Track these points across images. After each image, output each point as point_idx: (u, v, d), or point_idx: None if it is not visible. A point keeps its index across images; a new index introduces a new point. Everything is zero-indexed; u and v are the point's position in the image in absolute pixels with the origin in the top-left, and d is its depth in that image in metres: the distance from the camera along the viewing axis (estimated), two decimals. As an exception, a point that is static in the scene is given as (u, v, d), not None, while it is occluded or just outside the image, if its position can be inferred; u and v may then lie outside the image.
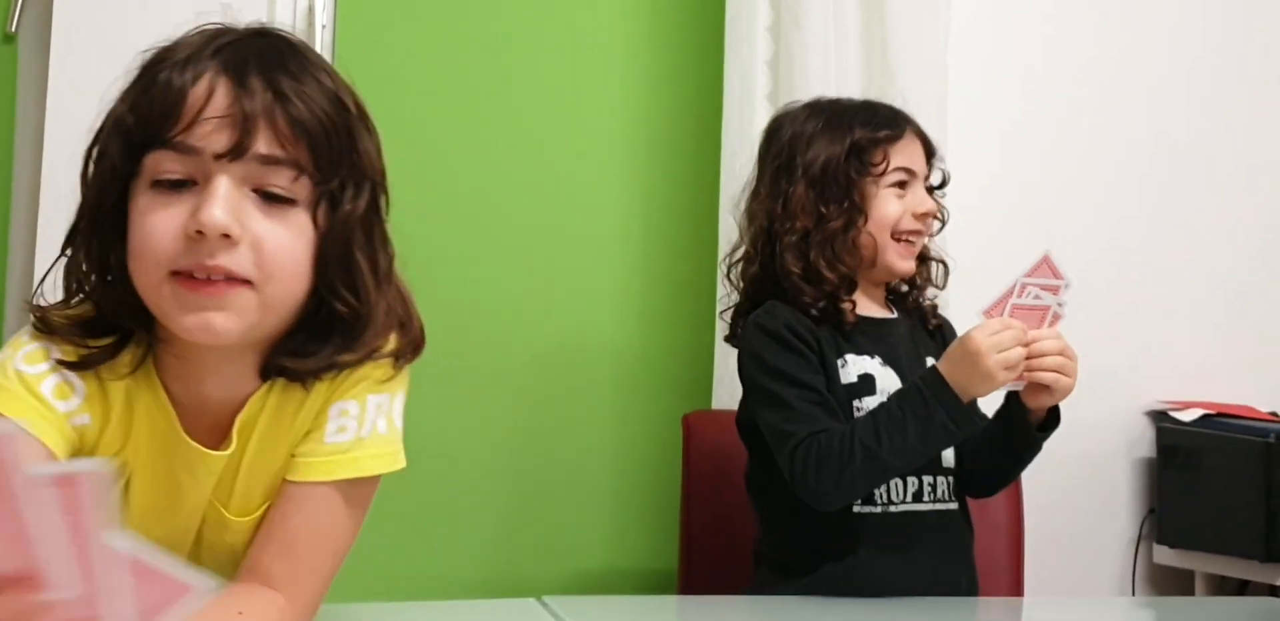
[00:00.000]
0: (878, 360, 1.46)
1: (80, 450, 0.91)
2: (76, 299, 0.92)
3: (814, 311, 1.43)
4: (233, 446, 0.96)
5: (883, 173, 1.46)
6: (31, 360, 0.90)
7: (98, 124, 0.90)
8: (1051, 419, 1.40)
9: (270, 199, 0.88)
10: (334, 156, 0.90)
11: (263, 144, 0.87)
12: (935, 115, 1.99)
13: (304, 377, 0.94)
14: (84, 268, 0.91)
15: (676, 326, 2.07)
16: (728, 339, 1.59)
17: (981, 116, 2.14)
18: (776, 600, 1.46)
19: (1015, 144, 2.19)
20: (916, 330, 1.55)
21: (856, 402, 1.44)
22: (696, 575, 1.73)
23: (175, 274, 0.86)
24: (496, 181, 2.06)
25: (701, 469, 1.77)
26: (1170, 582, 2.17)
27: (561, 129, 2.08)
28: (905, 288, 1.55)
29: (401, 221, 2.06)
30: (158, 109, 0.86)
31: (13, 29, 1.88)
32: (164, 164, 0.86)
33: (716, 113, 1.99)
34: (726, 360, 1.94)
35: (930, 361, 1.50)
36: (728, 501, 1.70)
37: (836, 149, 1.46)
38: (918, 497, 1.44)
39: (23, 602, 0.59)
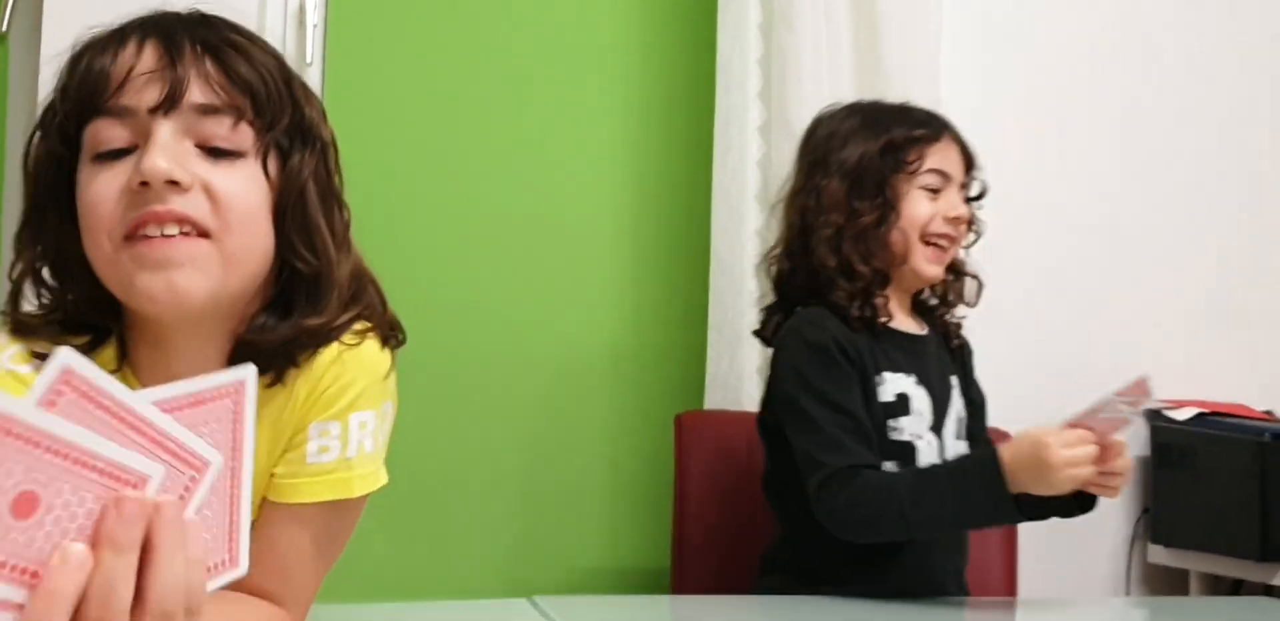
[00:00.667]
0: (913, 378, 1.45)
1: None
2: (44, 300, 0.90)
3: (852, 311, 1.42)
4: None
5: (915, 172, 1.45)
6: (16, 360, 0.88)
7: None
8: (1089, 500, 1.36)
9: (216, 154, 0.85)
10: (274, 105, 0.87)
11: (197, 93, 0.84)
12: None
13: (274, 360, 0.89)
14: (39, 265, 0.88)
15: (669, 326, 2.07)
16: (757, 333, 1.56)
17: (974, 116, 2.12)
18: (770, 599, 1.45)
19: (1008, 144, 2.19)
20: (942, 348, 1.53)
21: (891, 422, 1.42)
22: (689, 574, 1.72)
23: (128, 239, 0.82)
24: (487, 182, 2.05)
25: (694, 468, 1.76)
26: (1165, 582, 2.17)
27: (553, 128, 2.08)
28: (935, 301, 1.53)
29: (391, 222, 2.07)
30: (89, 81, 0.84)
31: (3, 29, 1.88)
32: (102, 133, 0.84)
33: (709, 112, 1.98)
34: (719, 360, 1.94)
35: (954, 381, 1.50)
36: (720, 501, 1.69)
37: (871, 146, 1.45)
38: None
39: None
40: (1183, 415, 2.10)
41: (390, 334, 0.98)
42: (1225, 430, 2.02)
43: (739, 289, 1.93)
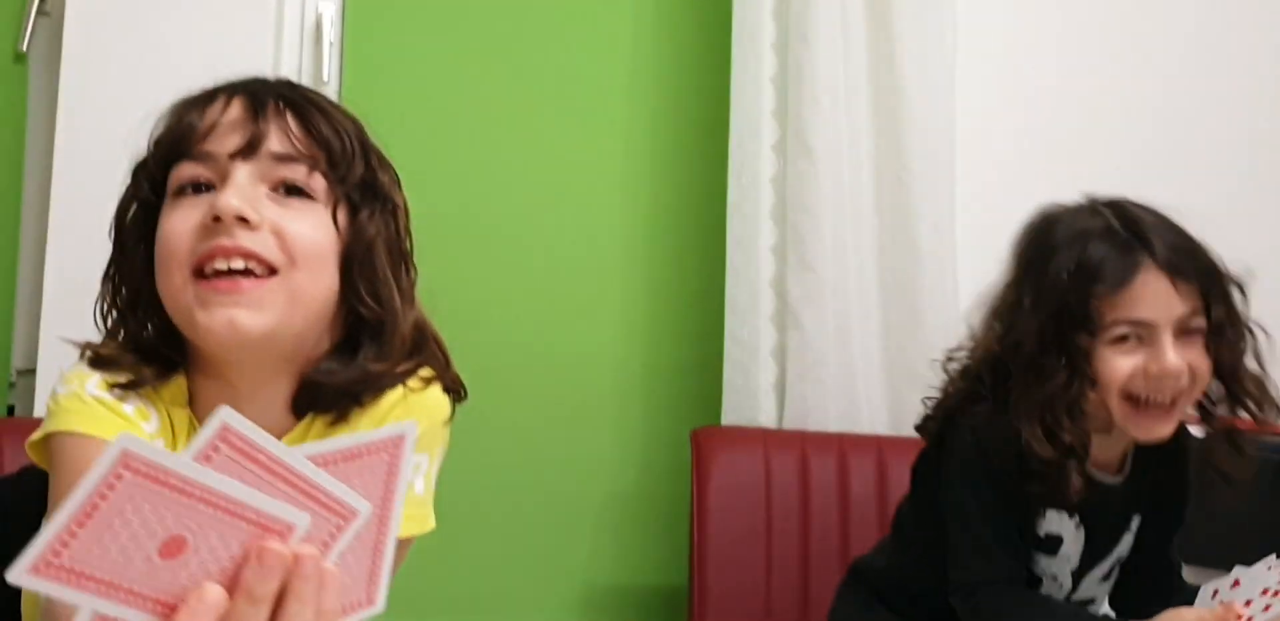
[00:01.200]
0: (1075, 520, 1.31)
1: None
2: (119, 335, 0.93)
3: (1035, 463, 1.23)
4: None
5: (1098, 329, 1.21)
6: (101, 388, 0.90)
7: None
8: None
9: (289, 192, 0.90)
10: (348, 160, 0.92)
11: (275, 142, 0.90)
12: (943, 131, 1.99)
13: (339, 400, 0.91)
14: (118, 300, 0.92)
15: (685, 341, 2.07)
16: (918, 428, 1.39)
17: (989, 132, 2.14)
18: None
19: (1022, 159, 2.19)
20: (1136, 485, 1.35)
21: (1036, 557, 1.32)
22: (709, 590, 1.72)
23: (196, 274, 0.86)
24: (502, 197, 2.06)
25: (711, 484, 1.76)
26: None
27: (568, 144, 2.09)
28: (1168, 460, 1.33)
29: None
30: (178, 131, 0.90)
31: (24, 48, 1.89)
32: (185, 173, 0.89)
33: (723, 129, 1.99)
34: (735, 375, 1.94)
35: (1135, 522, 1.36)
36: (738, 516, 1.69)
37: (1058, 294, 1.23)
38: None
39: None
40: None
41: (452, 387, 1.00)
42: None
43: (754, 304, 1.93)
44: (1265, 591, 1.18)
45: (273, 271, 0.87)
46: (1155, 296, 1.21)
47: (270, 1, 1.96)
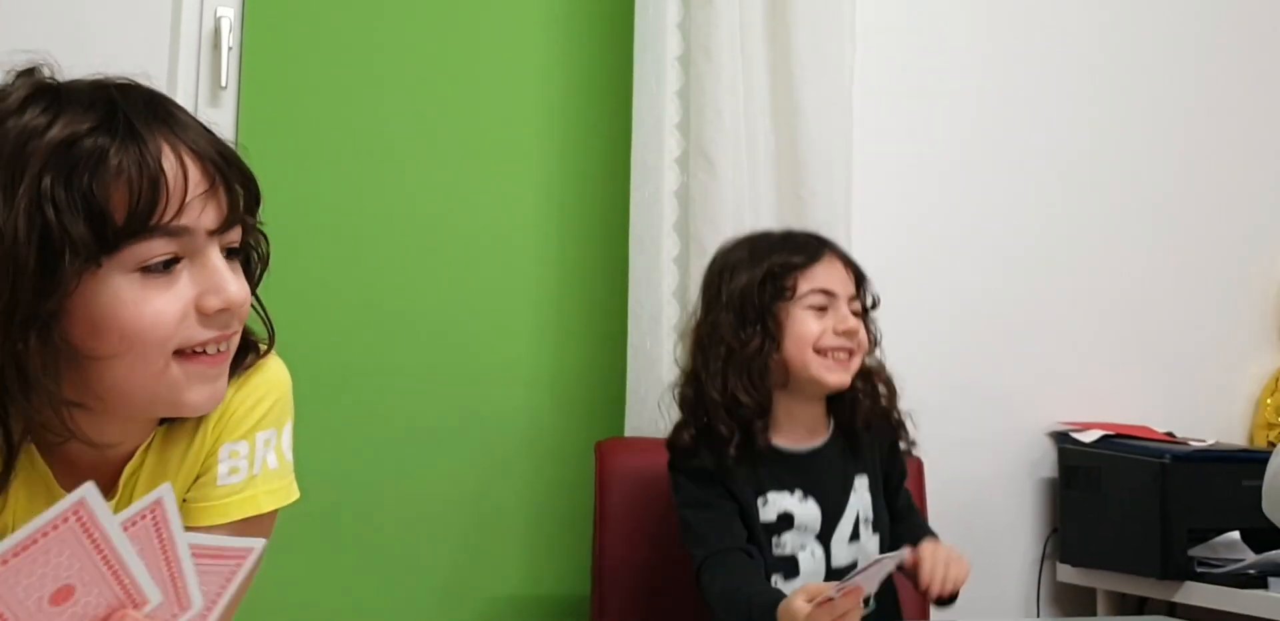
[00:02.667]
0: (798, 494, 1.57)
1: None
2: None
3: (732, 448, 1.53)
4: (118, 495, 0.94)
5: (794, 296, 1.57)
6: None
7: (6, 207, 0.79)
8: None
9: (229, 254, 0.88)
10: (255, 205, 0.91)
11: (230, 211, 0.87)
12: (840, 146, 2.03)
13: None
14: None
15: (588, 354, 2.07)
16: (668, 445, 1.63)
17: (888, 153, 2.18)
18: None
19: (918, 172, 2.24)
20: (846, 451, 1.62)
21: (775, 538, 1.55)
22: (609, 602, 1.72)
23: (178, 353, 0.84)
24: (403, 207, 2.04)
25: (614, 496, 1.77)
26: (1073, 601, 2.22)
27: (470, 155, 2.08)
28: (862, 402, 1.62)
29: (308, 247, 2.05)
30: (137, 195, 0.80)
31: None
32: (153, 249, 0.82)
33: (627, 140, 2.00)
34: (638, 387, 1.95)
35: (859, 482, 1.61)
36: (641, 528, 1.70)
37: (753, 276, 1.57)
38: None
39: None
40: (1089, 437, 2.16)
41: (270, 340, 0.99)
42: (1129, 452, 2.08)
43: (658, 316, 1.95)
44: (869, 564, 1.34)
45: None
46: (836, 274, 1.59)
47: (167, 5, 1.92)
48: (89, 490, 0.57)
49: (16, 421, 0.83)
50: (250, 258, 0.93)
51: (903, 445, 1.67)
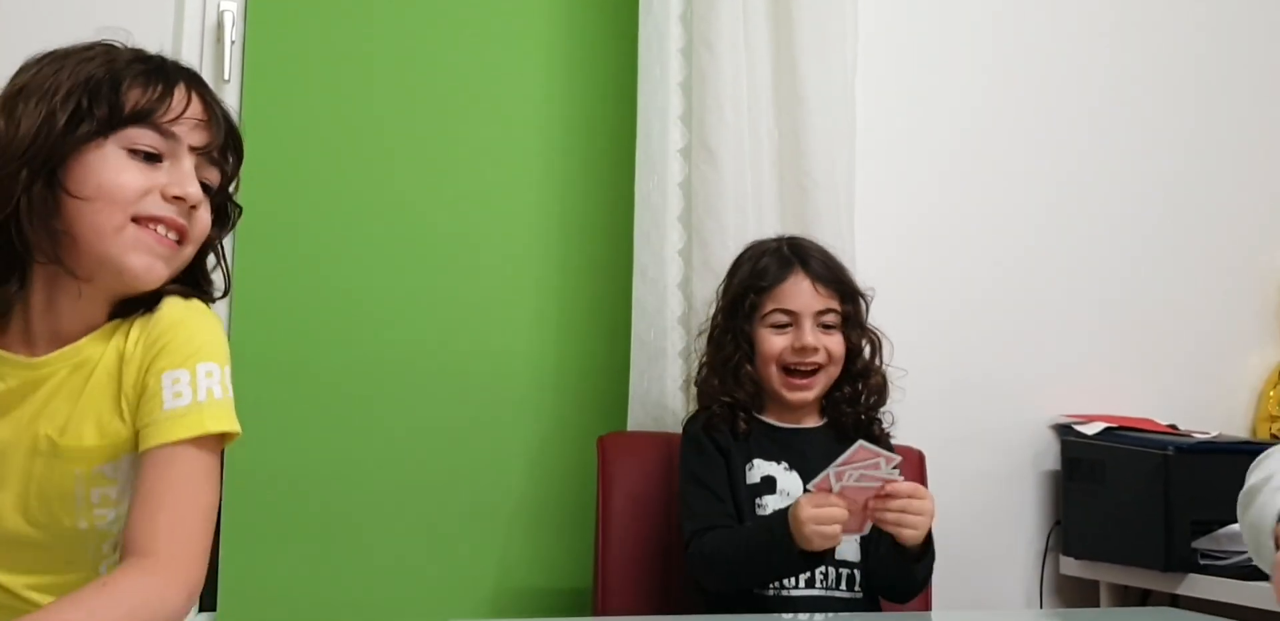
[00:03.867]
0: (783, 465, 1.68)
1: None
2: None
3: (726, 427, 1.69)
4: (49, 357, 1.09)
5: (759, 314, 1.70)
6: None
7: (54, 78, 1.07)
8: (926, 549, 1.60)
9: (203, 190, 1.12)
10: (237, 171, 1.15)
11: (214, 149, 1.12)
12: (843, 137, 2.03)
13: (138, 308, 1.12)
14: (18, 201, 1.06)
15: (592, 347, 2.07)
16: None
17: (888, 137, 2.18)
18: (691, 618, 1.47)
19: (921, 163, 2.24)
20: (840, 438, 1.68)
21: (758, 500, 1.66)
22: (612, 595, 1.73)
23: (135, 220, 1.07)
24: (407, 199, 2.05)
25: (617, 489, 1.77)
26: (1076, 593, 2.22)
27: (475, 147, 2.08)
28: (849, 407, 1.73)
29: (311, 238, 2.06)
30: (147, 98, 1.08)
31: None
32: (144, 138, 1.08)
33: (632, 132, 2.00)
34: (641, 379, 1.95)
35: None
36: (643, 521, 1.71)
37: (732, 292, 1.74)
38: (810, 584, 1.62)
39: None
40: (1092, 429, 2.16)
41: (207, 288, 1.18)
42: (1132, 444, 2.07)
43: (662, 308, 1.95)
44: (847, 463, 1.48)
45: (180, 242, 1.10)
46: (801, 293, 1.70)
47: (170, -1, 1.92)
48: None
49: (20, 242, 1.06)
50: (225, 208, 1.15)
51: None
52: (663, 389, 1.94)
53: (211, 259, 1.17)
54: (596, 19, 2.12)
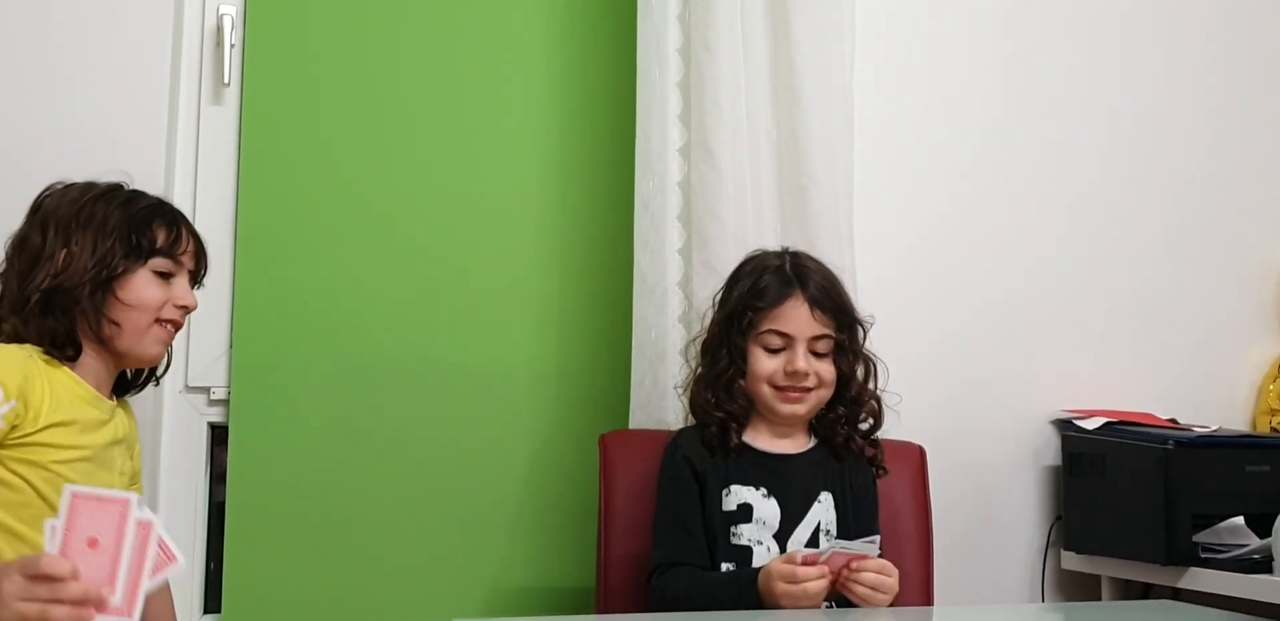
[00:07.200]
0: (762, 491, 1.66)
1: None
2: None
3: (712, 441, 1.68)
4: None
5: (753, 335, 1.69)
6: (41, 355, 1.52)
7: (102, 217, 1.54)
8: None
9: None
10: (206, 268, 1.67)
11: (198, 264, 1.64)
12: (841, 136, 2.03)
13: (129, 390, 1.67)
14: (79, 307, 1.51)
15: (593, 346, 2.08)
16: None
17: (886, 135, 2.19)
18: (693, 616, 1.47)
19: (920, 162, 2.24)
20: (820, 465, 1.70)
21: (733, 528, 1.64)
22: (614, 594, 1.73)
23: (158, 321, 1.56)
24: (407, 201, 2.05)
25: (619, 488, 1.78)
26: (1078, 587, 2.23)
27: (474, 148, 2.09)
28: (842, 428, 1.72)
29: (312, 240, 2.06)
30: (168, 237, 1.57)
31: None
32: (164, 265, 1.57)
33: (630, 132, 2.01)
34: (642, 378, 1.96)
35: (826, 496, 1.68)
36: (645, 521, 1.71)
37: (730, 307, 1.72)
38: None
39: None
40: (1092, 424, 2.17)
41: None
42: (1132, 438, 2.08)
43: (661, 308, 1.96)
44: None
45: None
46: (798, 318, 1.68)
47: (169, 2, 1.93)
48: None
49: (79, 329, 1.52)
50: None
51: (875, 471, 1.73)
52: (664, 388, 1.94)
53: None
54: (594, 20, 2.13)
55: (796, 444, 1.72)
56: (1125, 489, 2.06)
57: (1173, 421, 2.22)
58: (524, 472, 2.04)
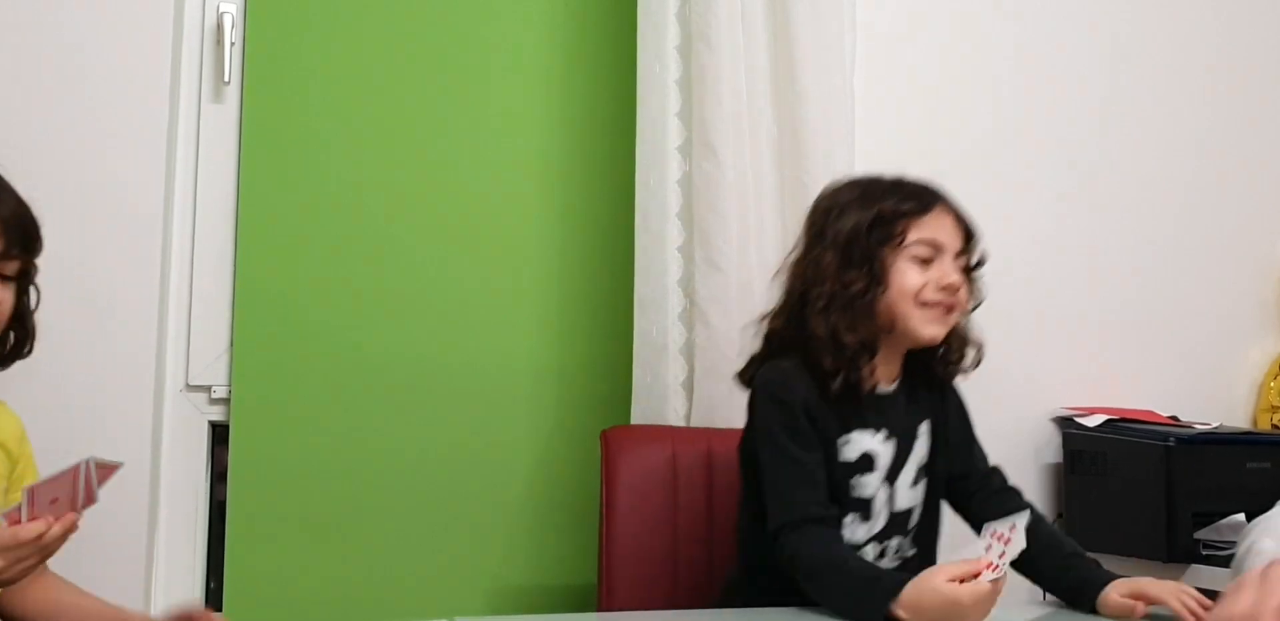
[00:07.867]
0: (881, 434, 1.53)
1: None
2: None
3: (835, 382, 1.49)
4: None
5: (901, 244, 1.51)
6: None
7: None
8: None
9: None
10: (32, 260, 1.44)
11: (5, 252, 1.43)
12: (842, 132, 2.04)
13: None
14: None
15: (593, 341, 2.08)
16: (739, 375, 1.62)
17: (886, 132, 2.19)
18: (696, 613, 1.47)
19: (922, 160, 2.24)
20: (911, 398, 1.59)
21: (853, 480, 1.51)
22: (616, 591, 1.73)
23: None
24: (408, 198, 2.05)
25: (621, 484, 1.78)
26: (1079, 585, 2.22)
27: (475, 146, 2.09)
28: (938, 365, 1.59)
29: (312, 238, 2.06)
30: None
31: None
32: None
33: (631, 130, 2.01)
34: (644, 374, 1.96)
35: (924, 428, 1.58)
36: (647, 516, 1.71)
37: (862, 218, 1.52)
38: (881, 556, 1.56)
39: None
40: (1093, 422, 2.17)
41: None
42: (1133, 436, 2.08)
43: (663, 305, 1.96)
44: (996, 536, 1.34)
45: None
46: (946, 226, 1.53)
47: (169, 1, 1.92)
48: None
49: None
50: (27, 287, 1.44)
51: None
52: (665, 384, 1.94)
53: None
54: (594, 18, 2.13)
55: (892, 377, 1.57)
56: (1126, 486, 2.06)
57: (1173, 419, 2.22)
58: (525, 470, 2.04)
